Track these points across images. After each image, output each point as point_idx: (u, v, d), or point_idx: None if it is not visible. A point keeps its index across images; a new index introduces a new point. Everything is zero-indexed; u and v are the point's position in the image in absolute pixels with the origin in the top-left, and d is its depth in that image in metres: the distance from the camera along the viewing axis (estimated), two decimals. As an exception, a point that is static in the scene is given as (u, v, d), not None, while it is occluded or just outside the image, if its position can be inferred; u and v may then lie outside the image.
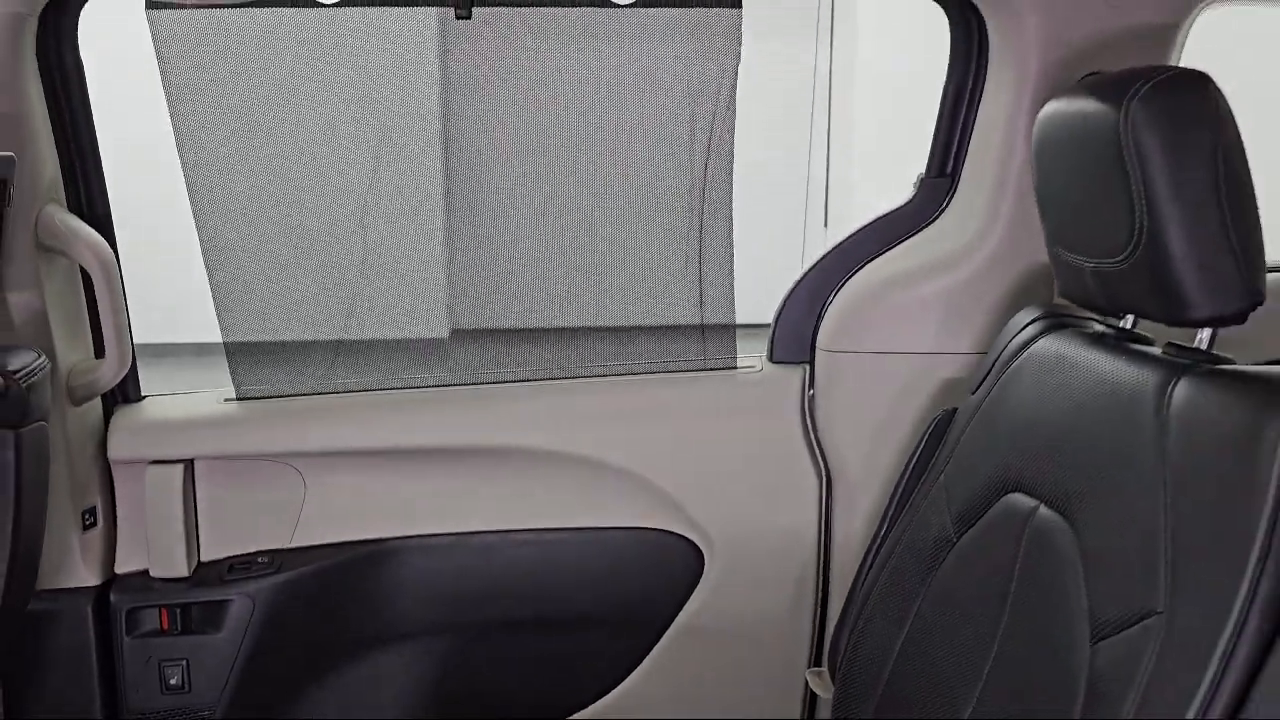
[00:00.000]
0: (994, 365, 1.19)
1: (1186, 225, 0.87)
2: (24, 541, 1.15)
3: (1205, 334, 0.94)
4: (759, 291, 1.90)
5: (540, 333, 1.51)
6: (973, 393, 1.21)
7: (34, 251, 1.24)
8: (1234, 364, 0.90)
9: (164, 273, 3.44)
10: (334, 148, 1.38)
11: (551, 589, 1.51)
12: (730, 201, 1.47)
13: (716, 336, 1.50)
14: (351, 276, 1.44)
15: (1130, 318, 1.05)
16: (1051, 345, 1.10)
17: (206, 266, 1.37)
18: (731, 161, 1.45)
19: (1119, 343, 1.03)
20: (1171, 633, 0.81)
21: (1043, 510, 1.02)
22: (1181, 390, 0.88)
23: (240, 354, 1.42)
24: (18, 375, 1.08)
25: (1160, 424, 0.88)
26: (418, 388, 1.48)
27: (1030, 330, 1.15)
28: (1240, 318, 0.89)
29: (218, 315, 1.39)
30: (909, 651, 1.19)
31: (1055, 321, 1.14)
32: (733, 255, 1.47)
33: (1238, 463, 0.80)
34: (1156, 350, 0.99)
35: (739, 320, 1.51)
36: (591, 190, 1.45)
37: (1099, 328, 1.09)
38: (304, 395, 1.45)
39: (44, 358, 1.14)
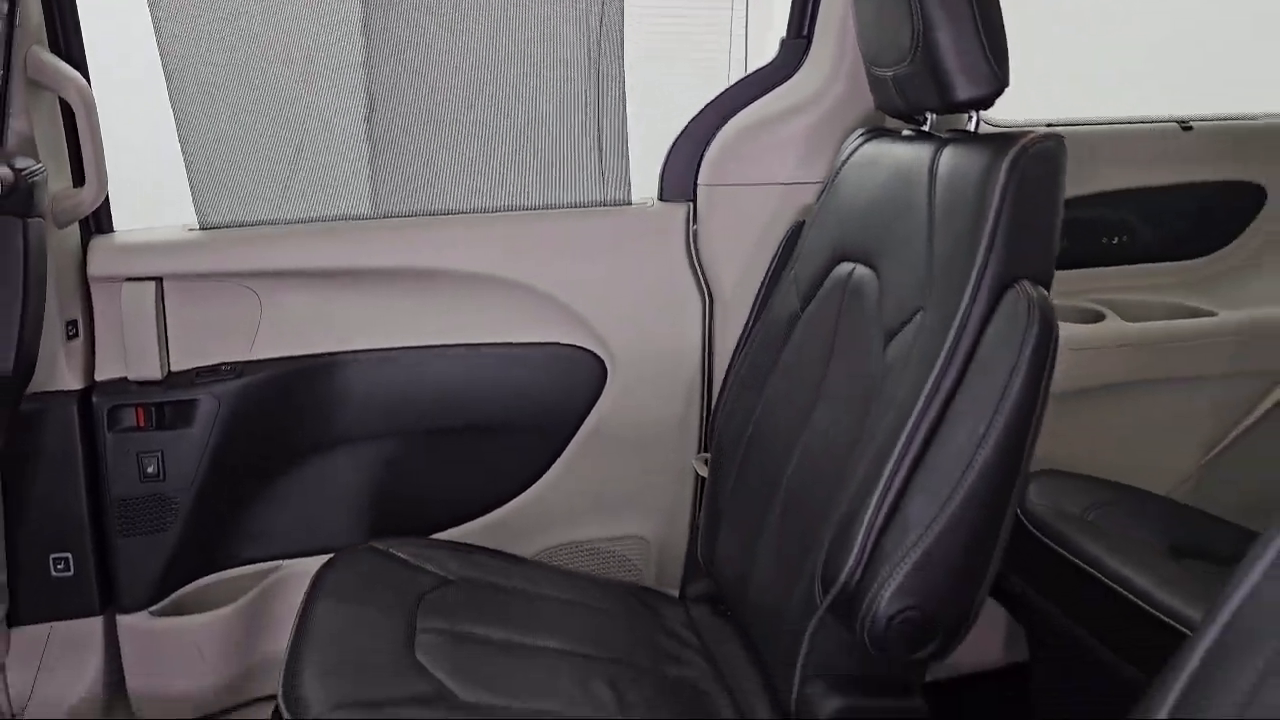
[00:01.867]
0: (831, 178, 1.47)
1: (949, 25, 1.15)
2: (30, 325, 1.37)
3: (973, 120, 1.23)
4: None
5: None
6: (815, 203, 1.50)
7: (24, 86, 1.44)
8: (994, 129, 1.19)
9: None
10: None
11: (476, 399, 1.76)
12: (621, 71, 1.72)
13: (614, 179, 1.76)
14: (287, 157, 1.67)
15: (930, 117, 1.33)
16: (868, 149, 1.39)
17: (175, 112, 1.59)
18: (621, 37, 1.70)
19: (914, 137, 1.32)
20: (926, 320, 1.10)
21: (858, 269, 1.31)
22: (945, 154, 1.17)
23: (202, 187, 1.64)
24: (23, 172, 1.29)
25: (931, 180, 1.17)
26: (359, 218, 1.71)
27: (855, 143, 1.44)
28: (991, 100, 1.17)
29: (183, 150, 1.61)
30: (761, 420, 1.47)
31: (873, 134, 1.42)
32: (625, 113, 1.72)
33: (975, 196, 1.09)
34: (942, 135, 1.28)
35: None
36: (496, 72, 1.69)
37: (906, 131, 1.38)
38: (259, 224, 1.68)
39: (42, 164, 1.35)
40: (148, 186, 1.74)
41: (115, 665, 1.69)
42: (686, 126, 1.77)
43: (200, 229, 1.67)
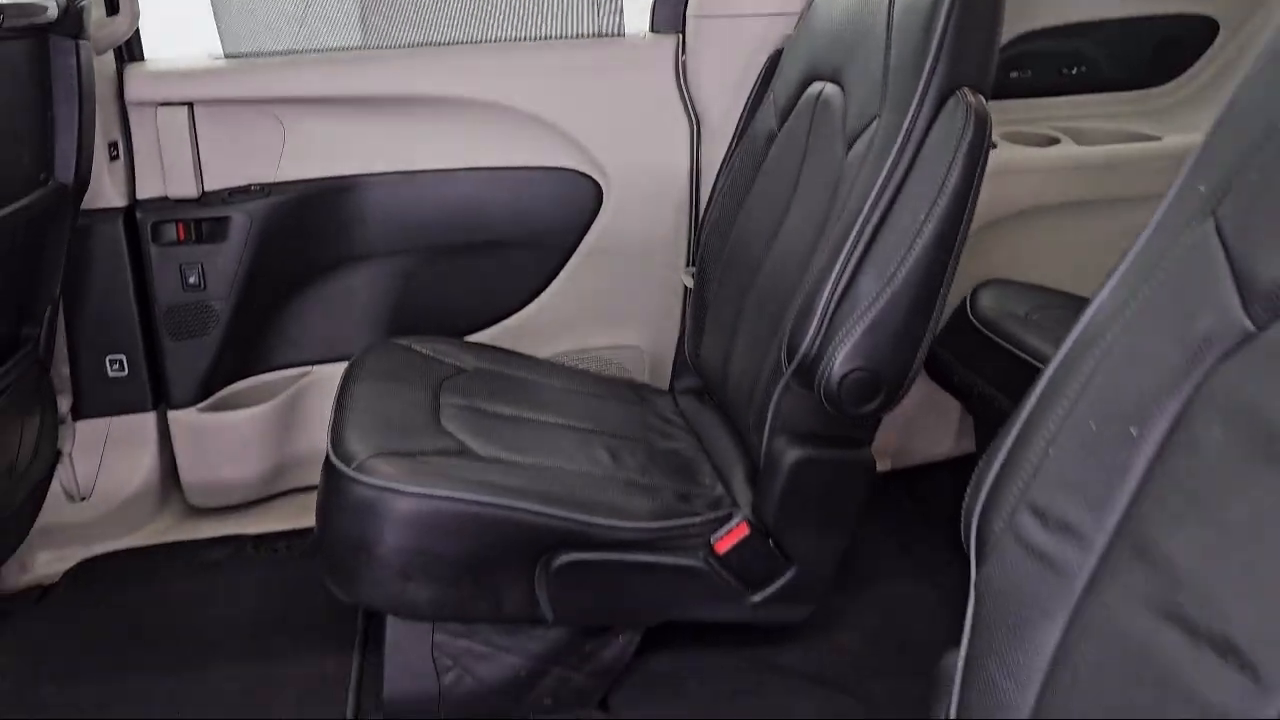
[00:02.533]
0: (806, 7, 1.60)
1: None
2: (86, 138, 1.52)
3: None
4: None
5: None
6: (794, 31, 1.63)
7: (59, -84, 1.55)
8: None
9: None
10: None
11: (484, 218, 1.93)
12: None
13: (607, 10, 1.88)
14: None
15: None
16: None
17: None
18: None
19: None
20: (880, 124, 1.26)
21: (827, 87, 1.46)
22: None
23: (226, 18, 1.77)
24: (73, -2, 1.43)
25: (890, 4, 1.32)
26: (374, 48, 1.84)
27: None
28: None
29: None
30: (740, 229, 1.64)
31: None
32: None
33: (926, 16, 1.23)
34: None
35: None
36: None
37: None
38: (281, 53, 1.81)
39: None
40: (169, 18, 1.85)
41: (168, 457, 1.91)
42: (678, -41, 1.88)
43: (225, 56, 1.80)
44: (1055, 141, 1.95)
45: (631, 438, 1.55)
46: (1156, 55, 2.06)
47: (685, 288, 1.96)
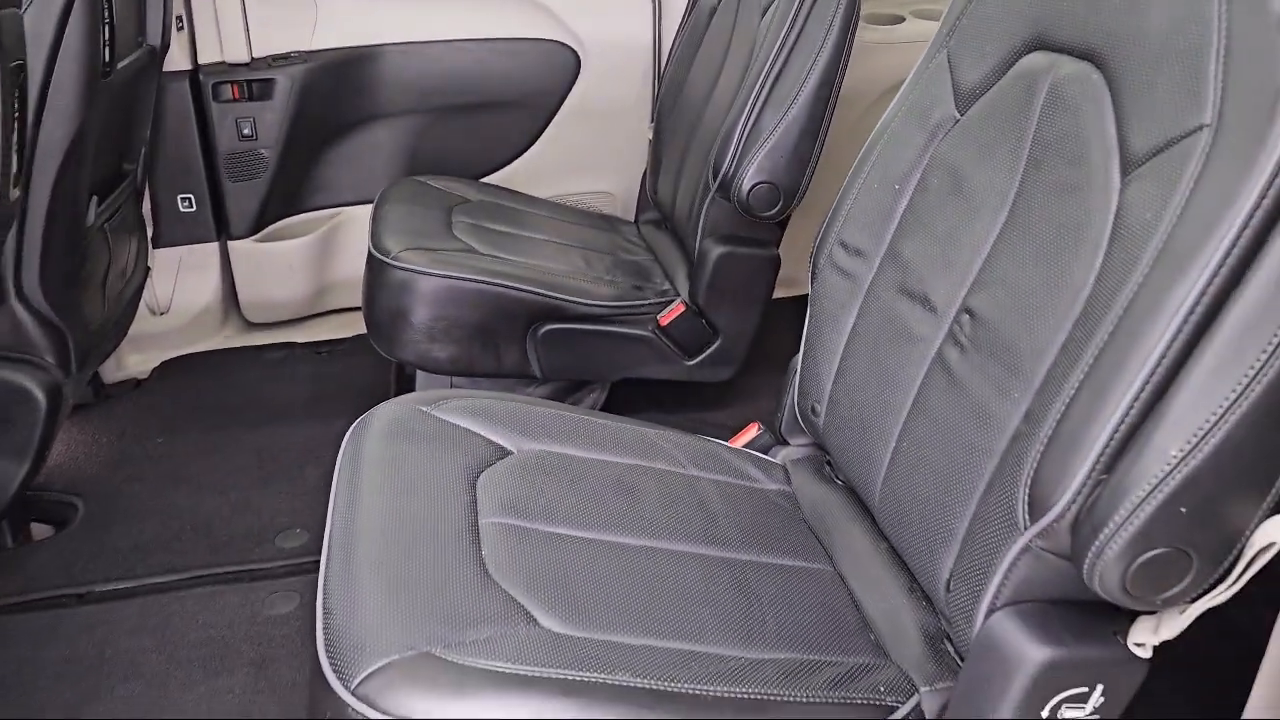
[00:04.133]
0: None
1: None
2: (168, 6, 1.91)
3: None
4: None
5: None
6: None
7: None
8: None
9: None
10: None
11: (482, 83, 2.33)
12: None
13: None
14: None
15: None
16: None
17: None
18: None
19: None
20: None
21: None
22: None
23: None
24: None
25: None
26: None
27: None
28: None
29: None
30: (686, 88, 2.04)
31: None
32: None
33: None
34: None
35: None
36: None
37: None
38: (312, -59, 2.20)
39: None
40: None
41: (229, 279, 2.36)
42: None
43: (267, -55, 2.19)
44: (901, 19, 2.36)
45: (601, 250, 1.99)
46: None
47: (649, 140, 2.38)
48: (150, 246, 2.24)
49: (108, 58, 1.56)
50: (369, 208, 2.21)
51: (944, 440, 0.98)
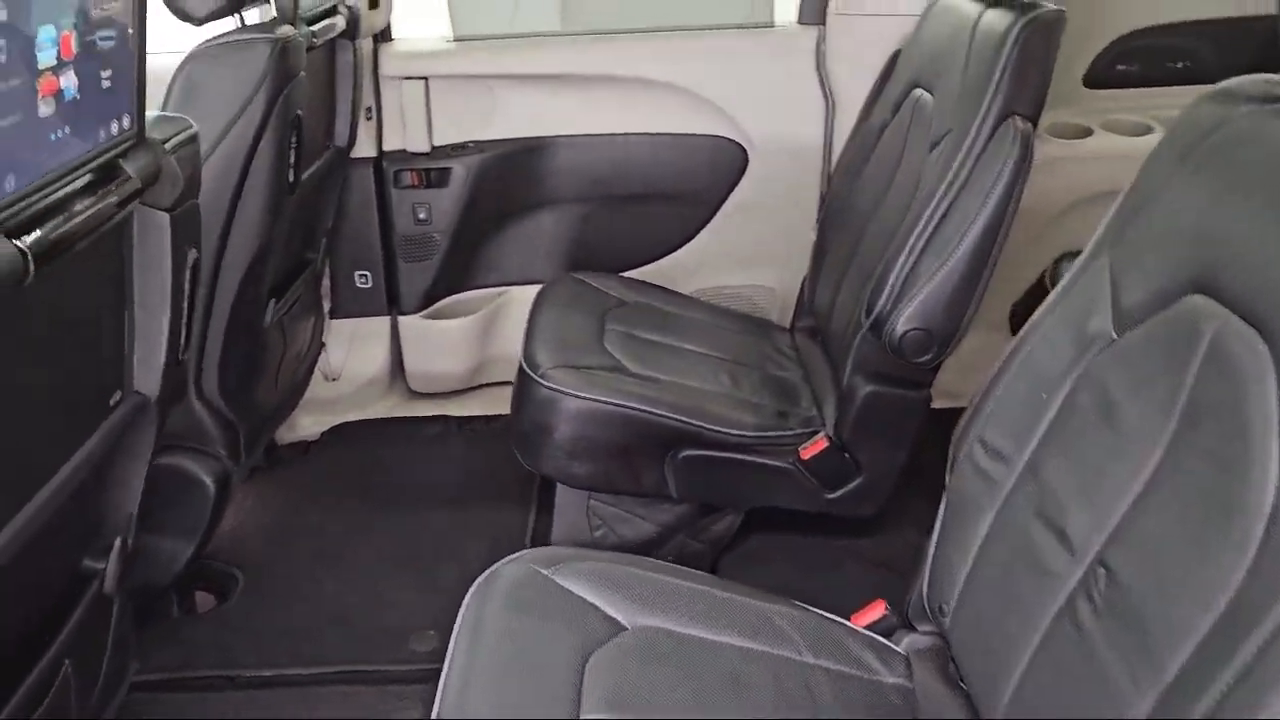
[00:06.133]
0: (921, 18, 1.93)
1: None
2: (356, 113, 2.02)
3: None
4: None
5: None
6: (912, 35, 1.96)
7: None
8: (1022, 2, 1.64)
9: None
10: None
11: (648, 175, 2.36)
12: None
13: (760, 6, 2.25)
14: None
15: None
16: (945, 1, 1.84)
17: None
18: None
19: None
20: (950, 137, 1.60)
21: (924, 95, 1.81)
22: (986, 14, 1.64)
23: (457, 12, 2.24)
24: (353, 9, 1.91)
25: (972, 32, 1.65)
26: (565, 34, 2.28)
27: None
28: None
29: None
30: (854, 199, 2.00)
31: None
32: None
33: (993, 50, 1.56)
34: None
35: None
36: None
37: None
38: (496, 37, 2.27)
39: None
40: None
41: (397, 351, 2.47)
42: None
43: (454, 40, 2.28)
44: (1149, 130, 2.20)
45: (750, 365, 1.98)
46: (1261, 52, 2.24)
47: (812, 241, 2.34)
48: (327, 318, 2.38)
49: (293, 177, 1.67)
50: (532, 288, 2.28)
51: (1066, 704, 0.93)
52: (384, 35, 2.26)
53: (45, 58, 0.74)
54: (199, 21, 1.57)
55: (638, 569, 1.26)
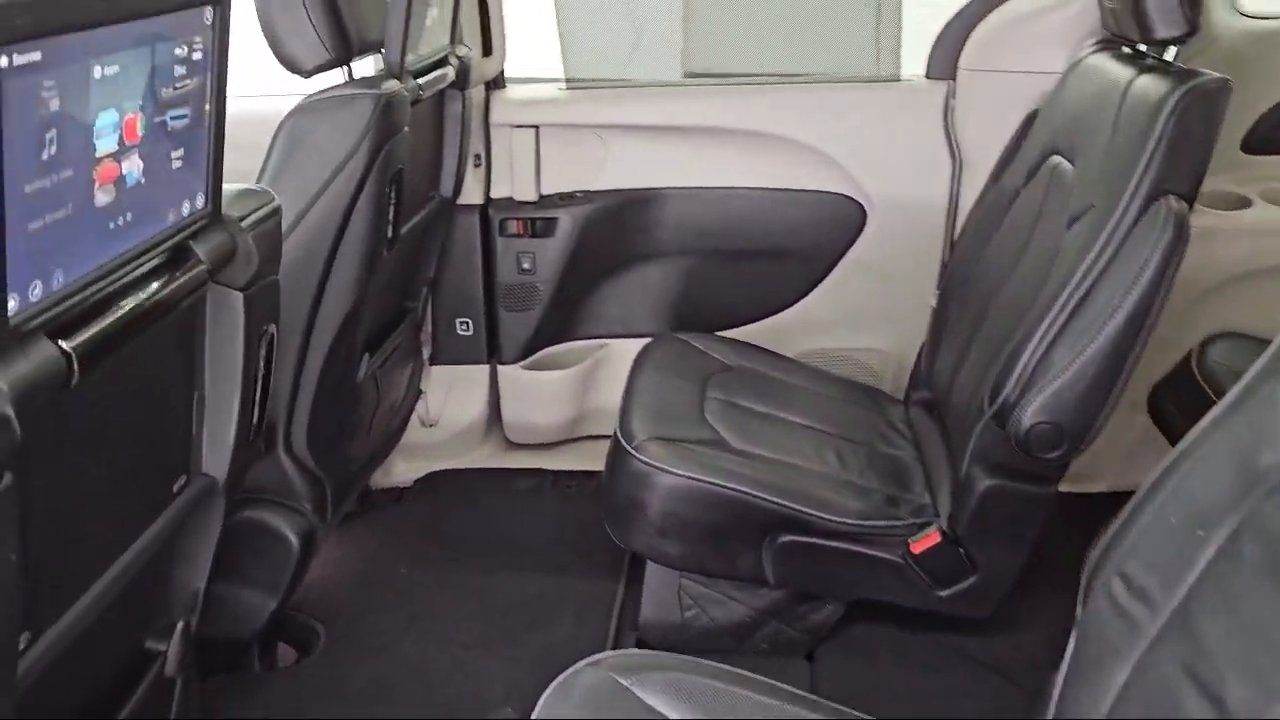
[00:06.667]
0: (1062, 79, 1.79)
1: None
2: (462, 164, 1.98)
3: (1171, 51, 1.52)
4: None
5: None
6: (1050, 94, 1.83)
7: (457, -18, 2.01)
8: (1180, 67, 1.49)
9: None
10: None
11: (759, 230, 2.25)
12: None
13: (887, 59, 2.14)
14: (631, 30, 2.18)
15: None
16: (1092, 60, 1.70)
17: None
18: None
19: (1128, 56, 1.62)
20: (1094, 214, 1.46)
21: (1062, 163, 1.66)
22: (1138, 80, 1.49)
23: (570, 54, 2.19)
24: (464, 59, 1.87)
25: (1121, 99, 1.50)
26: (681, 83, 2.21)
27: (1085, 52, 1.74)
28: (1183, 39, 1.46)
29: (558, 25, 2.16)
30: (981, 269, 1.86)
31: (1101, 45, 1.72)
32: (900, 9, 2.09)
33: (1147, 120, 1.42)
34: (1145, 61, 1.57)
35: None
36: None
37: (1125, 49, 1.67)
38: (608, 85, 2.21)
39: (470, 47, 1.92)
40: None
41: (495, 400, 2.42)
42: (960, 11, 2.09)
43: (566, 87, 2.23)
44: (1248, 204, 2.01)
45: (859, 441, 1.85)
46: None
47: (931, 307, 2.20)
48: (426, 364, 2.34)
49: (391, 233, 1.62)
50: (634, 342, 2.20)
51: None
52: (496, 82, 2.23)
53: (105, 144, 0.70)
54: (307, 74, 1.55)
55: (721, 683, 1.16)
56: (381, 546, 2.12)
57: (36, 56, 0.59)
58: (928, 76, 2.13)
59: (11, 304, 0.63)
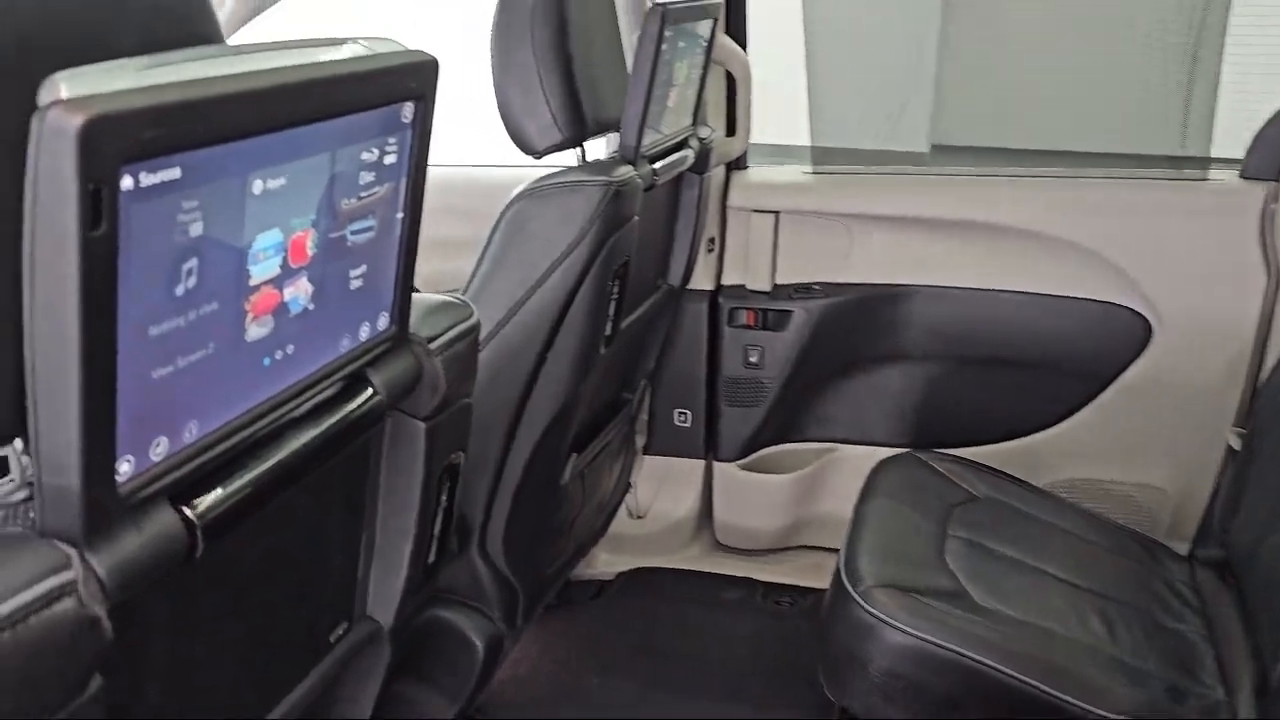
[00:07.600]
0: None
1: None
2: (694, 247, 1.85)
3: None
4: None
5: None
6: None
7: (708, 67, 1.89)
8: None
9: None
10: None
11: (1020, 339, 1.99)
12: (1224, 26, 1.77)
13: (1194, 135, 1.84)
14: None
15: None
16: None
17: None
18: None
19: None
20: None
21: None
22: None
23: (820, 137, 2.03)
24: (705, 140, 1.74)
25: None
26: (937, 172, 1.99)
27: None
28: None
29: (810, 123, 2.00)
30: None
31: None
32: (1217, 80, 1.79)
33: None
34: None
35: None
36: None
37: None
38: (856, 172, 2.03)
39: (713, 129, 1.79)
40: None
41: (707, 498, 2.25)
42: (1285, 106, 1.78)
43: (812, 173, 2.06)
44: None
45: (1132, 605, 1.55)
46: None
47: (1228, 446, 1.86)
48: (639, 453, 2.21)
49: (610, 330, 1.50)
50: (865, 450, 1.99)
51: None
52: (738, 162, 2.09)
53: (263, 270, 0.58)
54: (538, 155, 1.47)
55: None
56: (574, 649, 1.99)
57: (175, 174, 0.48)
58: (1243, 176, 1.82)
59: (124, 468, 0.52)
